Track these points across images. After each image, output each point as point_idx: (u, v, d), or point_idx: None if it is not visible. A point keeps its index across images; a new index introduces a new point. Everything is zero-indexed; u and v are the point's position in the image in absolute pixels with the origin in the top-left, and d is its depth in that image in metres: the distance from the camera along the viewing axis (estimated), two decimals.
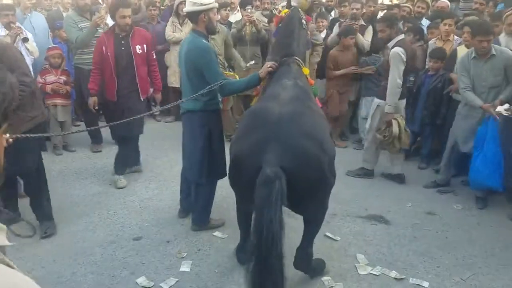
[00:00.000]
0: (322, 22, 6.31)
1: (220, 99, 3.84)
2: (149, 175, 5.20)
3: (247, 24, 6.08)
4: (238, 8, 7.16)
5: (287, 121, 2.77)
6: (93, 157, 5.74)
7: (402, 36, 4.93)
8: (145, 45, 4.73)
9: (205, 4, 3.56)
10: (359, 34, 5.96)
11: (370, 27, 6.13)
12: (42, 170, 3.87)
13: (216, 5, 3.70)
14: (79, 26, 5.62)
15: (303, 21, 3.81)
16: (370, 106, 5.36)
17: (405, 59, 4.69)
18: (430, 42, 5.63)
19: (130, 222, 4.12)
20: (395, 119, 4.81)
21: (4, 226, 0.87)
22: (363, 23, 6.28)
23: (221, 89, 3.58)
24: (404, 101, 5.00)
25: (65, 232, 3.94)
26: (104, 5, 7.04)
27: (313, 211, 3.03)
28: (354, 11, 6.22)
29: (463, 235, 4.06)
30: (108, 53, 4.53)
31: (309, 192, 2.81)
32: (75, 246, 3.73)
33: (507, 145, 4.27)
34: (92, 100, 4.85)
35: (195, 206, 4.00)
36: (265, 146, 2.67)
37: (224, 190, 4.55)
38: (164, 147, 6.01)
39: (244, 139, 2.89)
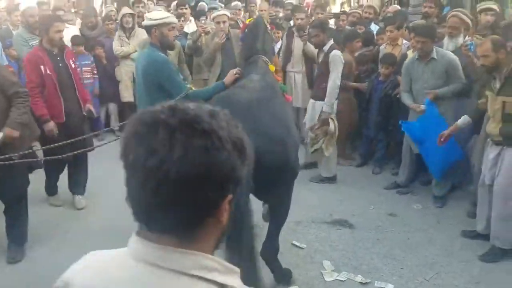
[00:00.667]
0: (278, 33, 6.29)
1: None
2: (110, 192, 5.06)
3: (203, 35, 6.07)
4: (191, 19, 7.15)
5: (256, 106, 2.90)
6: None
7: (332, 41, 5.20)
8: (73, 59, 4.73)
9: (155, 19, 3.60)
10: (308, 43, 6.01)
11: None
12: (26, 193, 3.84)
13: (170, 20, 3.67)
14: (29, 44, 5.45)
15: (268, 26, 4.06)
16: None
17: (343, 61, 5.05)
18: (381, 47, 5.78)
19: (92, 245, 3.94)
20: (331, 118, 5.04)
21: (238, 269, 0.91)
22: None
23: (187, 100, 3.58)
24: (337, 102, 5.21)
25: (24, 258, 3.79)
26: None
27: (279, 197, 3.09)
28: (299, 21, 6.23)
29: (424, 235, 4.16)
30: (48, 72, 4.33)
31: (276, 176, 2.84)
32: (34, 273, 3.57)
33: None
34: (51, 125, 4.38)
35: None
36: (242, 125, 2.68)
37: None
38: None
39: None
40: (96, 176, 5.36)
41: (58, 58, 4.48)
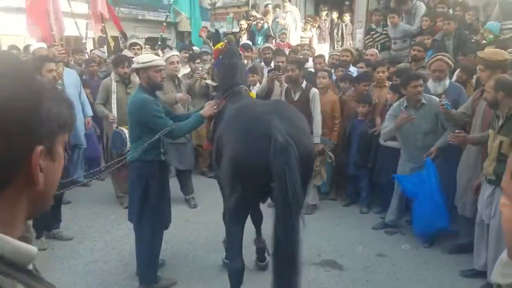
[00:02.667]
0: (253, 76, 6.32)
1: (162, 150, 3.80)
2: (94, 235, 4.96)
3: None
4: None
5: (279, 106, 3.15)
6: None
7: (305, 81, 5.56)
8: None
9: (142, 63, 3.71)
10: (283, 83, 6.12)
11: None
12: None
13: (155, 63, 3.72)
14: None
15: (240, 52, 4.27)
16: None
17: None
18: (368, 88, 5.88)
19: None
20: (324, 147, 5.47)
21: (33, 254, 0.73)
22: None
23: (170, 135, 3.73)
24: None
25: None
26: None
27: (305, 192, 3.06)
28: (279, 63, 6.59)
29: (413, 275, 4.13)
30: None
31: (306, 167, 2.88)
32: None
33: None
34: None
35: (138, 261, 3.88)
36: (270, 117, 2.83)
37: (174, 247, 4.44)
38: (110, 205, 5.80)
39: (245, 119, 3.00)
40: (78, 219, 5.30)
41: None
